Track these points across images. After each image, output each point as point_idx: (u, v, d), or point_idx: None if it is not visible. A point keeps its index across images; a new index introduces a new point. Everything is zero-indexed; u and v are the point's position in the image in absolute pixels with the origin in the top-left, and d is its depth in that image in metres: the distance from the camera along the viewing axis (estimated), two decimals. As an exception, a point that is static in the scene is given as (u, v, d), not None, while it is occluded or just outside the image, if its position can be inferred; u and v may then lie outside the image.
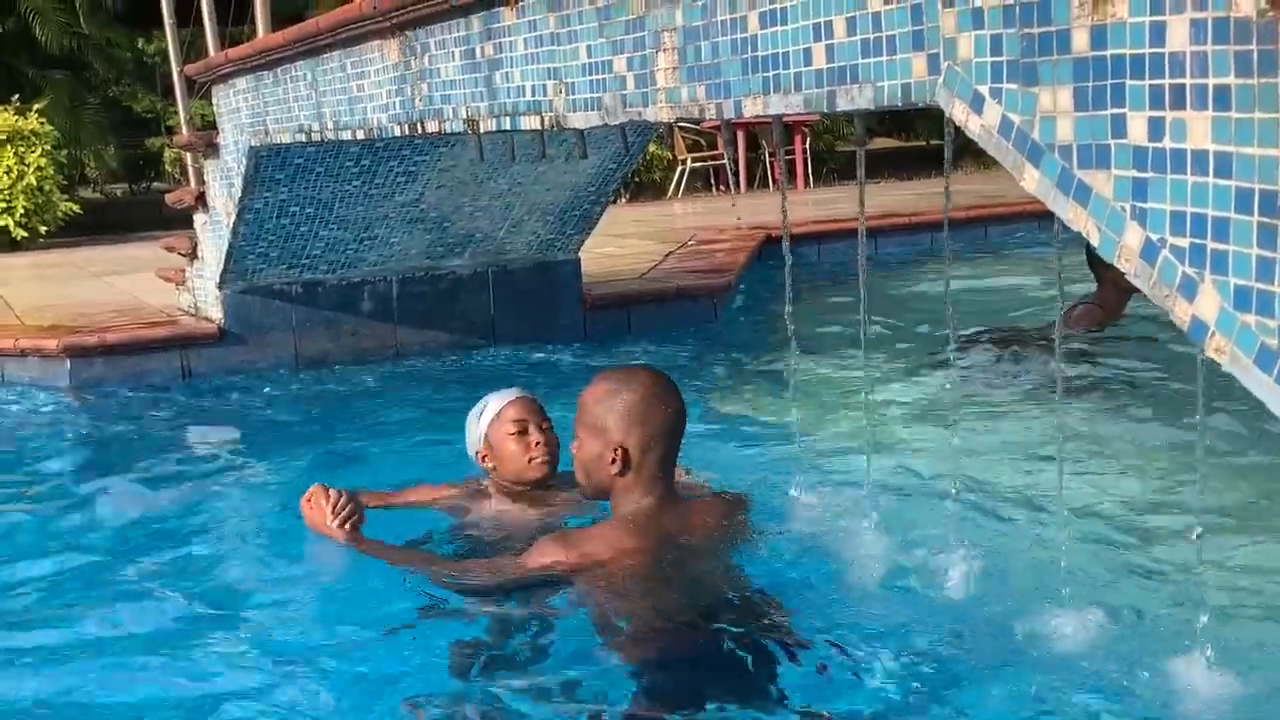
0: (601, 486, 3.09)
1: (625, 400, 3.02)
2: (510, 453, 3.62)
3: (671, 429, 3.05)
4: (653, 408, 3.02)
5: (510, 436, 3.62)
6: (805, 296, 7.56)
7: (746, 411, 5.60)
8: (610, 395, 3.05)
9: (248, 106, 5.86)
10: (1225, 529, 3.58)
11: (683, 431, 3.11)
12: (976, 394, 5.35)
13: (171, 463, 5.26)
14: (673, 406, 3.06)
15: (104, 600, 3.68)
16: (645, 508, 3.04)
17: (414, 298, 7.11)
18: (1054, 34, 1.65)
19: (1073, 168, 1.66)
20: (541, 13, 3.05)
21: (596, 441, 3.04)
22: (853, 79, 2.07)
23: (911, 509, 3.80)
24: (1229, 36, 1.41)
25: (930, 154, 16.94)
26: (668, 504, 3.09)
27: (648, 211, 13.52)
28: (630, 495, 3.05)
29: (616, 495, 3.07)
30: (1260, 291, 1.42)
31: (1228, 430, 4.16)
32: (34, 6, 15.83)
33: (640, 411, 3.01)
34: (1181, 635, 2.71)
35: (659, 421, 3.02)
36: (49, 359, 6.67)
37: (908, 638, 2.94)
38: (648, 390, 3.04)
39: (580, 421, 3.08)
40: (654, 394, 3.04)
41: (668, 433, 3.04)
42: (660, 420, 3.02)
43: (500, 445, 3.63)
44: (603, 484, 3.08)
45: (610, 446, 3.01)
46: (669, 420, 3.04)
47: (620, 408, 3.02)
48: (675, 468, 3.17)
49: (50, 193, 13.28)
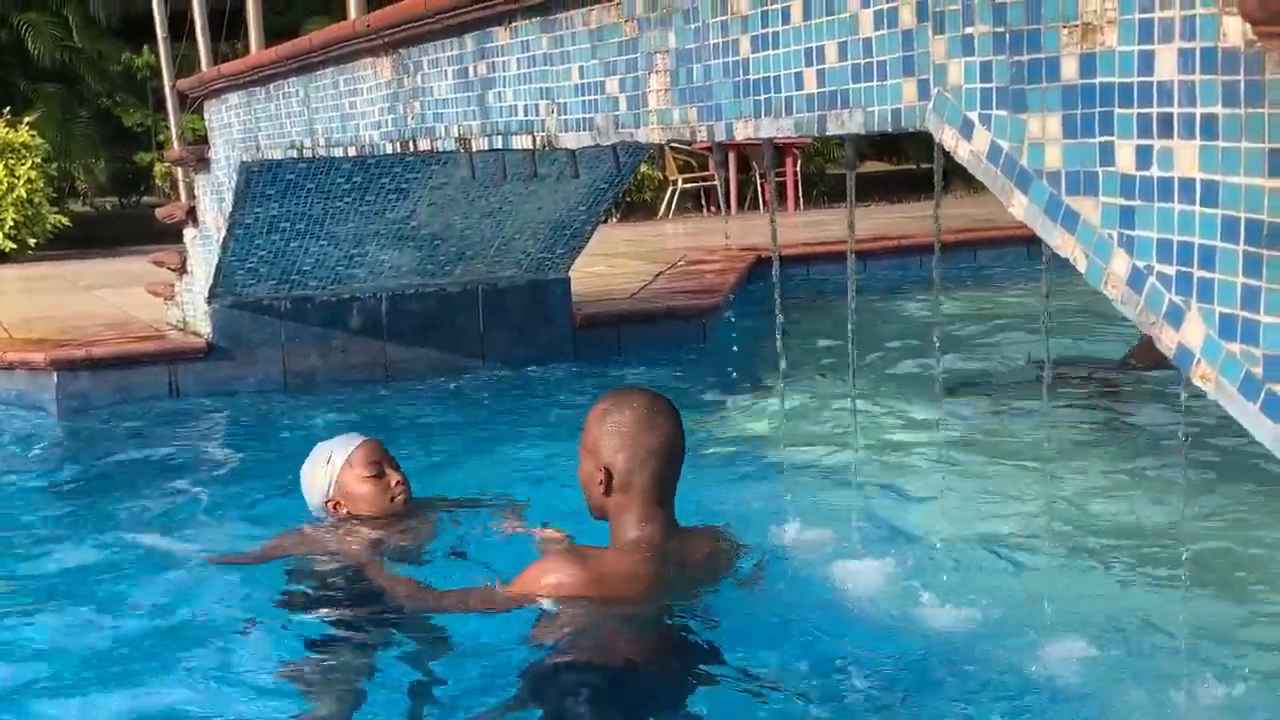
0: (596, 506, 3.06)
1: (615, 420, 3.00)
2: (369, 494, 3.64)
3: (662, 451, 2.99)
4: (642, 429, 2.98)
5: (368, 480, 3.64)
6: (795, 318, 7.57)
7: (734, 433, 5.60)
8: (603, 416, 3.02)
9: (239, 122, 5.86)
10: (1212, 556, 3.59)
11: (680, 457, 3.05)
12: (967, 418, 5.36)
13: (156, 477, 5.25)
14: (665, 430, 3.01)
15: (85, 611, 3.66)
16: (648, 536, 2.98)
17: (404, 315, 7.10)
18: (1043, 61, 1.66)
19: (1061, 194, 1.67)
20: (534, 33, 3.06)
21: (589, 461, 3.03)
22: (843, 103, 2.08)
23: (898, 535, 3.80)
24: (1217, 66, 1.42)
25: (919, 178, 16.98)
26: (674, 537, 3.04)
27: (638, 231, 13.54)
28: (626, 518, 3.00)
29: (613, 518, 3.03)
30: (1246, 320, 1.43)
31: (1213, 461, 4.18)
32: (26, 19, 15.83)
33: (629, 433, 2.97)
34: (1169, 670, 2.72)
35: (648, 443, 2.97)
36: (36, 372, 6.64)
37: (891, 668, 2.93)
38: (638, 412, 3.00)
39: (580, 441, 3.07)
40: (644, 416, 2.99)
41: (658, 455, 2.98)
42: (650, 442, 2.97)
43: (356, 489, 3.64)
44: (596, 504, 3.05)
45: (599, 466, 2.99)
46: (660, 443, 2.99)
47: (610, 428, 2.99)
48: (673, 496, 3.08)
49: (40, 205, 13.25)
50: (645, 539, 2.98)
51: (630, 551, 2.98)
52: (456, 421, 6.18)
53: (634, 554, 2.97)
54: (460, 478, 4.72)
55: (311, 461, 3.70)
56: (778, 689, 2.86)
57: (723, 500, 4.18)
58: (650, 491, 2.99)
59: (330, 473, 3.64)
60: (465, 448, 5.60)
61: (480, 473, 4.88)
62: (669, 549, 3.00)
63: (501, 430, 5.89)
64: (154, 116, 16.17)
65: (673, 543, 3.02)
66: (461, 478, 4.71)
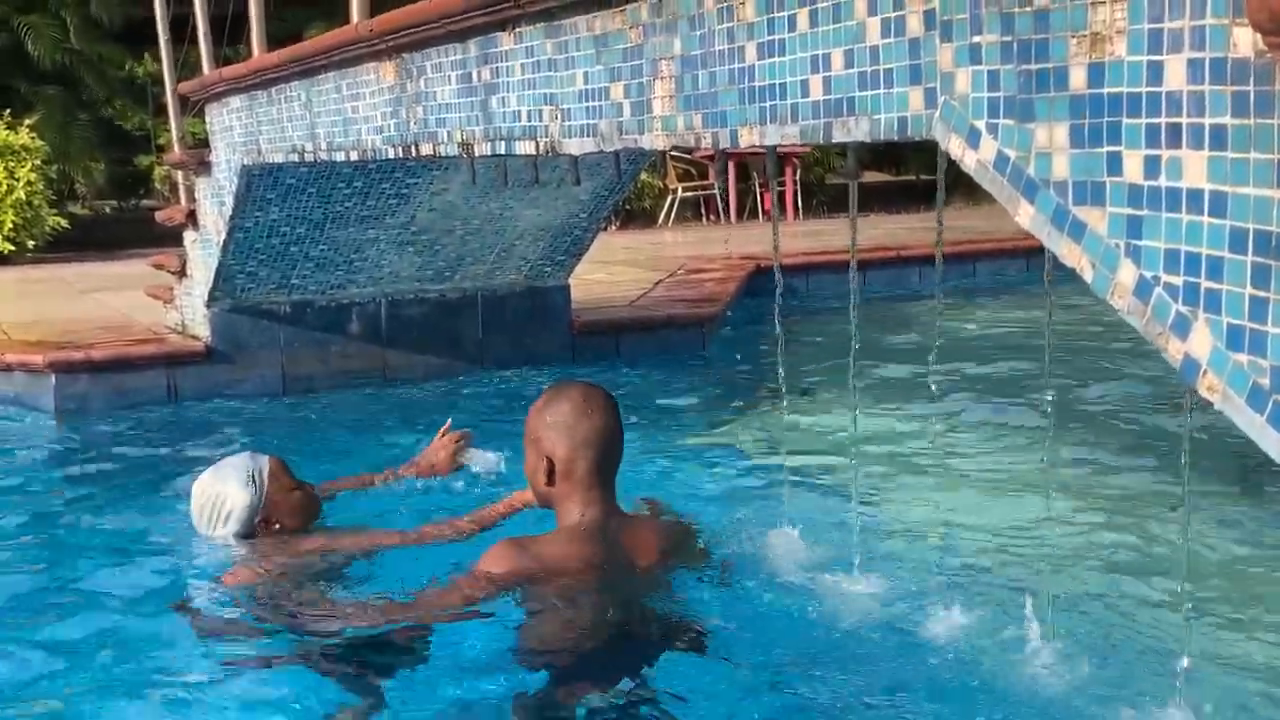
0: (542, 496, 3.21)
1: (553, 412, 3.15)
2: (298, 504, 3.74)
3: (599, 440, 3.13)
4: (579, 420, 3.12)
5: (294, 492, 3.74)
6: (794, 327, 7.58)
7: (732, 442, 5.59)
8: (542, 409, 3.18)
9: (241, 125, 5.86)
10: (1214, 567, 3.59)
11: (618, 446, 3.19)
12: (965, 430, 5.36)
13: (154, 480, 5.23)
14: (600, 419, 3.14)
15: (82, 613, 3.66)
16: (590, 520, 3.12)
17: (403, 320, 7.10)
18: (1051, 71, 1.66)
19: (1068, 204, 1.66)
20: (539, 38, 3.06)
21: (531, 454, 3.18)
22: (849, 111, 2.08)
23: (897, 546, 3.80)
24: (1226, 76, 1.42)
25: (920, 189, 16.97)
26: (613, 518, 3.17)
27: (638, 239, 13.54)
28: (569, 505, 3.14)
29: (557, 505, 3.18)
30: (1253, 331, 1.42)
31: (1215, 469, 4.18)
32: (27, 21, 15.83)
33: (566, 423, 3.12)
34: (1162, 685, 2.71)
35: (584, 432, 3.11)
36: (35, 374, 6.63)
37: (886, 680, 2.92)
38: (574, 404, 3.14)
39: (524, 436, 3.22)
40: (580, 407, 3.14)
41: (595, 444, 3.12)
42: (586, 431, 3.11)
43: (286, 502, 3.71)
44: (542, 494, 3.20)
45: (541, 456, 3.14)
46: (596, 432, 3.12)
47: (549, 420, 3.15)
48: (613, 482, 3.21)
49: (39, 208, 13.24)
50: (586, 522, 3.12)
51: (569, 534, 3.12)
52: (455, 427, 6.16)
53: (573, 536, 3.11)
54: (458, 483, 4.70)
55: (226, 487, 3.67)
56: (760, 682, 2.88)
57: (721, 509, 4.18)
58: (589, 477, 3.13)
59: (259, 491, 3.67)
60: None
61: (477, 476, 4.86)
62: (609, 527, 3.13)
63: (500, 436, 5.87)
64: (154, 120, 16.16)
65: (612, 522, 3.15)
66: (459, 483, 4.70)
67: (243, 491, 3.66)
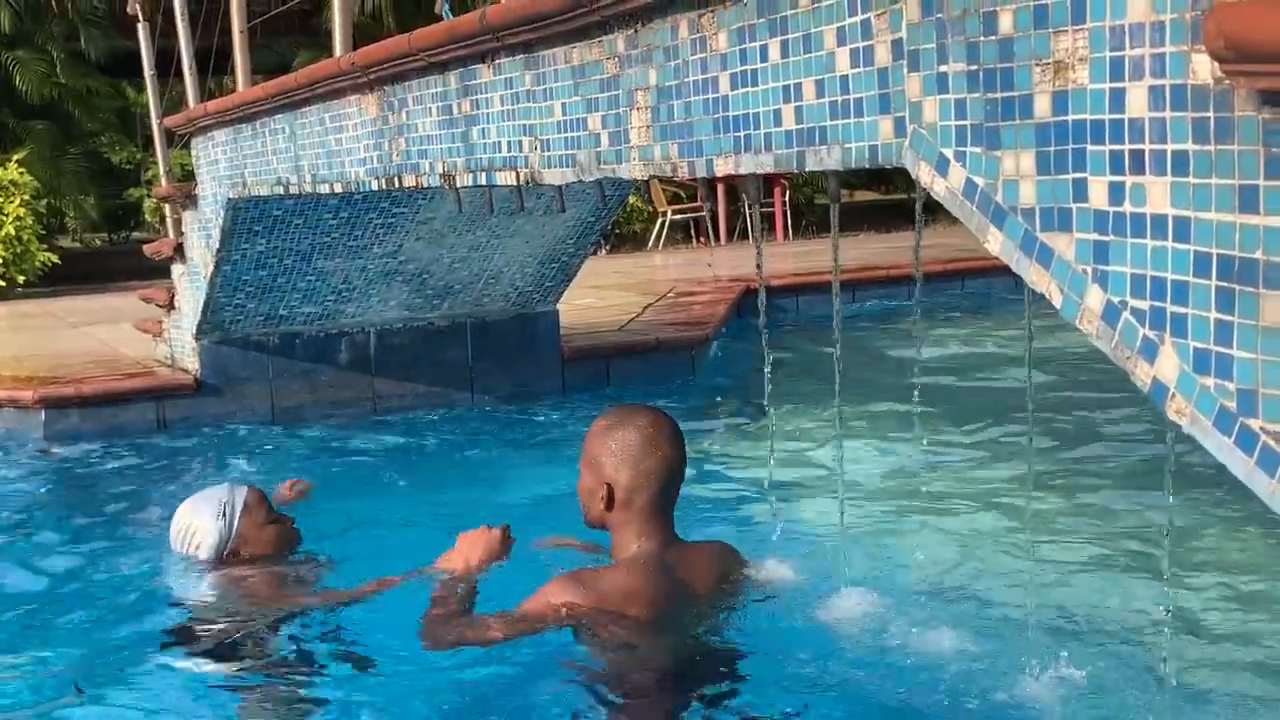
0: (595, 519, 3.07)
1: (619, 438, 3.00)
2: (273, 536, 3.76)
3: (664, 472, 3.00)
4: (646, 449, 2.98)
5: (270, 525, 3.76)
6: (783, 350, 7.58)
7: (721, 467, 5.60)
8: (606, 432, 3.03)
9: (226, 158, 5.87)
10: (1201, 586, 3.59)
11: (681, 474, 3.07)
12: (952, 449, 5.37)
13: (144, 514, 5.22)
14: (668, 450, 3.01)
15: (75, 646, 3.65)
16: (647, 552, 2.99)
17: (392, 349, 7.10)
18: (1016, 99, 1.68)
19: (1035, 230, 1.68)
20: (517, 70, 3.08)
21: (589, 476, 3.03)
22: (821, 140, 2.10)
23: (884, 568, 3.80)
24: (1187, 103, 1.43)
25: (909, 208, 17.01)
26: (670, 548, 3.04)
27: (628, 263, 13.57)
28: (627, 534, 3.01)
29: (614, 533, 3.04)
30: (1219, 354, 1.43)
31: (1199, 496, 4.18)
32: (15, 56, 15.88)
33: (633, 452, 2.98)
34: (1151, 704, 2.72)
35: (652, 463, 2.98)
36: (24, 410, 6.63)
37: (874, 698, 2.93)
38: (642, 434, 3.00)
39: (581, 454, 3.07)
40: (650, 438, 3.00)
41: (659, 475, 2.99)
42: (653, 462, 2.98)
43: (259, 534, 3.73)
44: (596, 518, 3.06)
45: (601, 482, 2.99)
46: (662, 463, 2.99)
47: (614, 445, 3.00)
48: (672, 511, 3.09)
49: (29, 242, 13.27)
50: (644, 553, 2.99)
51: (629, 567, 2.99)
52: (446, 455, 6.17)
53: (633, 570, 2.98)
54: (448, 510, 4.71)
55: (198, 519, 3.70)
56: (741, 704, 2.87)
57: (708, 532, 4.17)
58: (650, 508, 3.00)
59: (229, 525, 3.69)
60: (454, 481, 5.59)
61: (468, 505, 4.87)
62: (668, 561, 3.01)
63: (491, 463, 5.88)
64: (143, 153, 16.19)
65: (671, 554, 3.03)
66: (450, 510, 4.70)
67: (213, 524, 3.68)
